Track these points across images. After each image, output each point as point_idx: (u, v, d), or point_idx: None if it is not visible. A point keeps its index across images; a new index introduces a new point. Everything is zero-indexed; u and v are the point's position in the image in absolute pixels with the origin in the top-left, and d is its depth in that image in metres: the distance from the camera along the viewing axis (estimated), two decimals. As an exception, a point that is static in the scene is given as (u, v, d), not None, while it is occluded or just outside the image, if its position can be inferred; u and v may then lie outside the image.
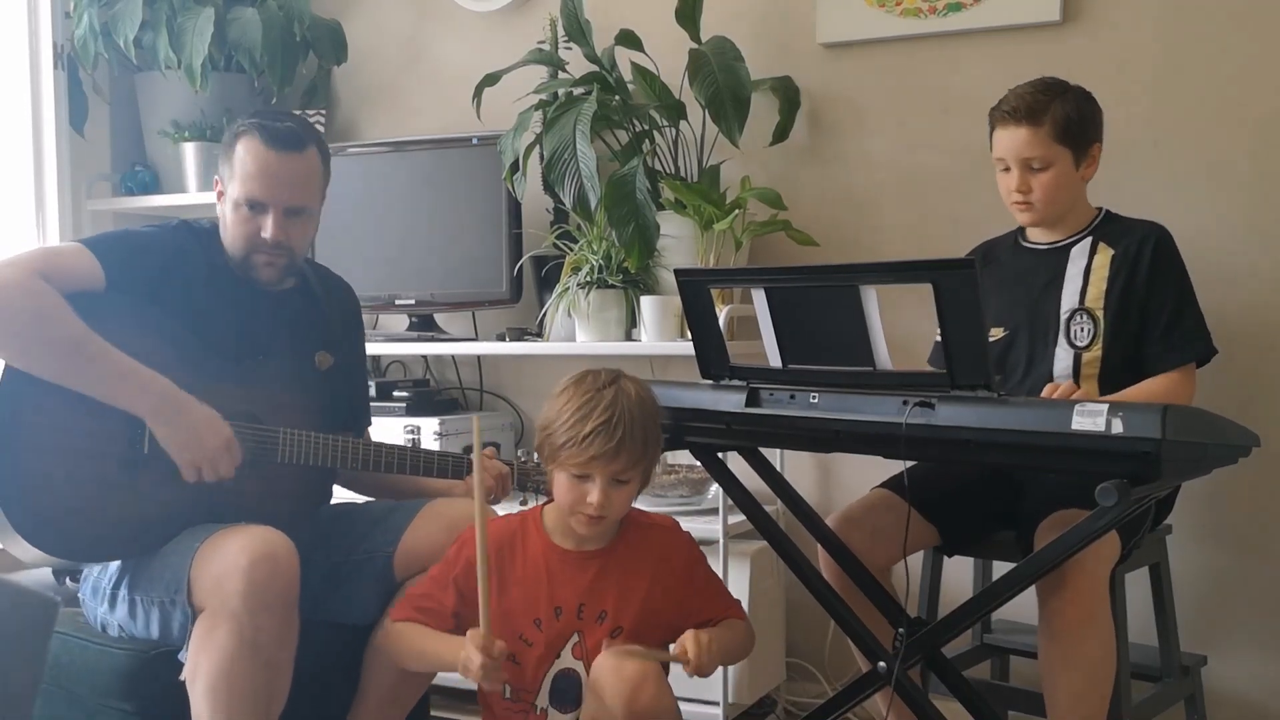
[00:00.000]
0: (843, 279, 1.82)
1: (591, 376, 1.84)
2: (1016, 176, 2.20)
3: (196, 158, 3.34)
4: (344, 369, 2.24)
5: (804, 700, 2.91)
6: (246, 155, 2.04)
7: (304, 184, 2.08)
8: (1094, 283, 2.20)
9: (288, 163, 2.04)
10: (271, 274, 2.10)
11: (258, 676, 1.82)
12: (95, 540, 1.94)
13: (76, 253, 1.97)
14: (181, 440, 1.94)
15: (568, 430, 1.78)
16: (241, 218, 2.06)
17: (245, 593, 1.79)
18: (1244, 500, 2.58)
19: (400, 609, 1.93)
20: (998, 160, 2.23)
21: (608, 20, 2.93)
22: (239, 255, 2.09)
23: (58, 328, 1.88)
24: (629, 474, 1.82)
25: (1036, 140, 2.16)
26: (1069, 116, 2.16)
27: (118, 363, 1.90)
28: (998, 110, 2.22)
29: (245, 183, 2.04)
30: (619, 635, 1.85)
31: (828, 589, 2.08)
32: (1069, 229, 2.27)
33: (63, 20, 3.25)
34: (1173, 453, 1.58)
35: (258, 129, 2.04)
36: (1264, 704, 2.59)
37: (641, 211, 2.68)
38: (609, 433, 1.76)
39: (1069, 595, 1.96)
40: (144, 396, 1.92)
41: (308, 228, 2.14)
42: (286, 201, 2.06)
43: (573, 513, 1.83)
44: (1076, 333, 2.20)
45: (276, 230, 2.05)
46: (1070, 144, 2.17)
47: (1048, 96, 2.17)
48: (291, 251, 2.10)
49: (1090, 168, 2.23)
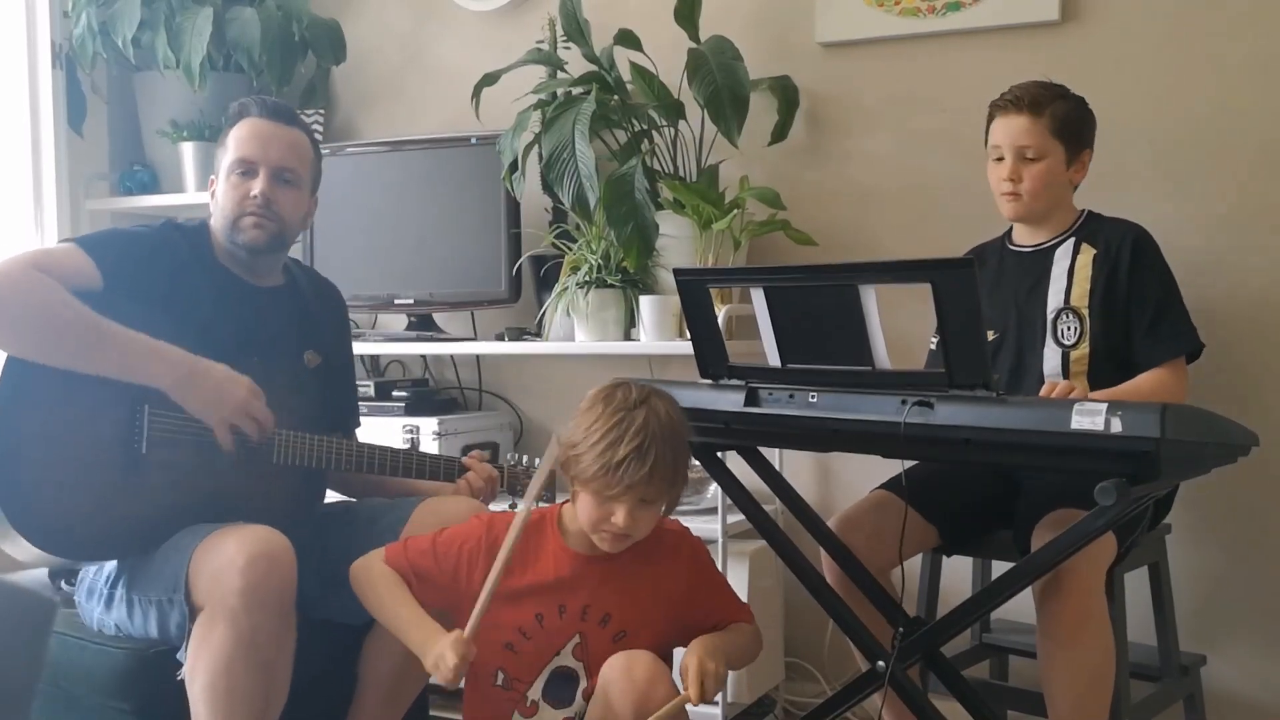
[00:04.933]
0: (842, 278, 1.82)
1: (621, 393, 1.79)
2: (1009, 165, 2.23)
3: (195, 157, 3.34)
4: (332, 369, 2.24)
5: (803, 700, 2.91)
6: (242, 127, 2.12)
7: (294, 151, 2.14)
8: (1078, 282, 2.23)
9: (279, 130, 2.13)
10: (258, 236, 2.09)
11: (255, 676, 1.81)
12: (93, 539, 1.94)
13: (70, 252, 1.97)
14: (209, 401, 1.95)
15: (598, 456, 1.74)
16: (233, 184, 2.10)
17: (243, 591, 1.78)
18: (1243, 500, 2.58)
19: (395, 554, 1.90)
20: (993, 149, 2.27)
21: (606, 20, 2.93)
22: (228, 221, 2.09)
23: (65, 313, 1.89)
24: (658, 497, 1.80)
25: (1035, 129, 2.20)
26: (1068, 114, 2.22)
27: (130, 339, 1.92)
28: (999, 101, 2.27)
29: (238, 147, 2.11)
30: (623, 639, 1.84)
31: (826, 589, 2.08)
32: (1053, 230, 2.30)
33: (61, 20, 3.26)
34: (1172, 452, 1.58)
35: (253, 104, 2.15)
36: (1263, 704, 2.59)
37: (640, 211, 2.68)
38: (640, 459, 1.72)
39: (1066, 596, 1.97)
40: (163, 368, 1.93)
41: (298, 201, 2.15)
42: (276, 162, 2.10)
43: (596, 531, 1.81)
44: (1063, 332, 2.22)
45: (266, 186, 2.08)
46: (1065, 141, 2.22)
47: (1050, 93, 2.23)
48: (281, 219, 2.11)
49: (1079, 173, 2.27)
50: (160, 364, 1.93)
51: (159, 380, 1.93)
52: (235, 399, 1.97)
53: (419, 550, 1.90)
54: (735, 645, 1.88)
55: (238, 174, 2.10)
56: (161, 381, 1.93)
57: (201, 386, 1.95)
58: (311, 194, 2.20)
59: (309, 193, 2.19)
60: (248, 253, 2.11)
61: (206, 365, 1.97)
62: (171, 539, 1.93)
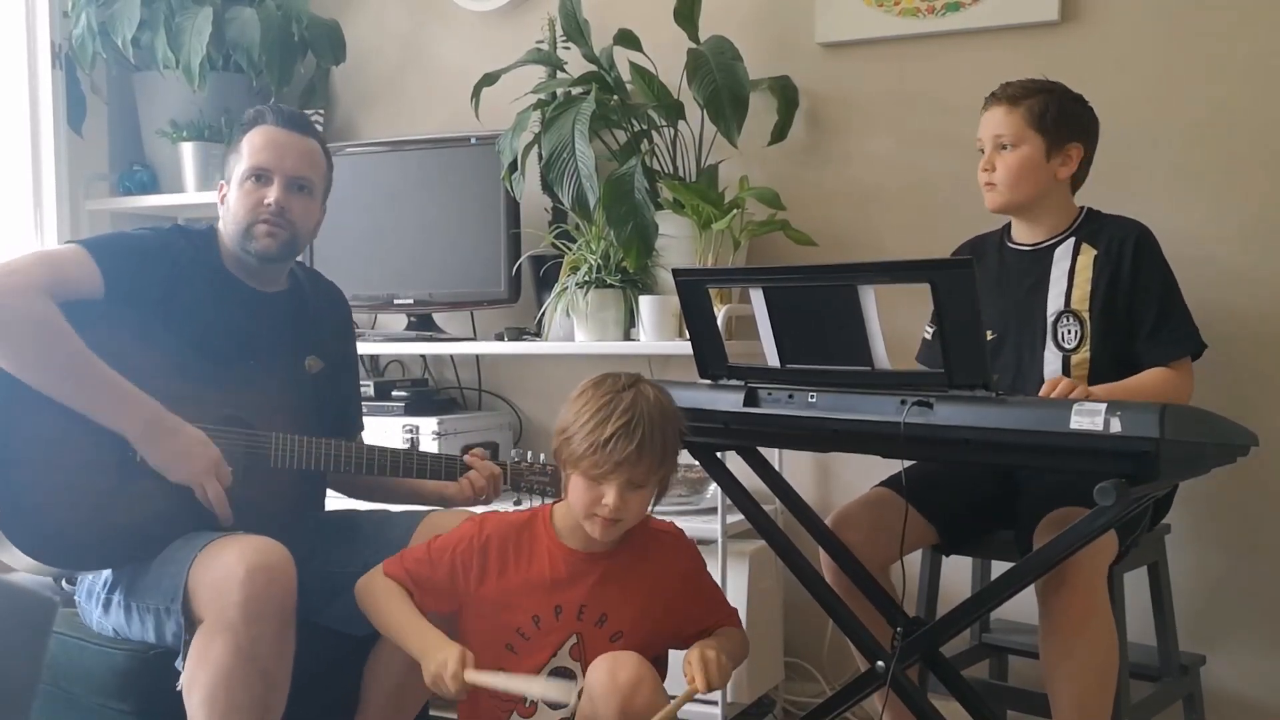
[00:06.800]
0: (841, 279, 1.82)
1: (610, 379, 1.82)
2: (986, 156, 2.26)
3: (195, 157, 3.33)
4: (335, 373, 2.24)
5: (802, 700, 2.91)
6: (256, 135, 2.11)
7: (309, 160, 2.13)
8: (1078, 284, 2.22)
9: (295, 139, 2.12)
10: (270, 244, 2.09)
11: (254, 687, 1.80)
12: (87, 548, 1.93)
13: (78, 259, 1.95)
14: (167, 462, 1.93)
15: (587, 435, 1.76)
16: (246, 190, 2.09)
17: (242, 602, 1.78)
18: (1242, 500, 2.58)
19: (394, 567, 1.91)
20: (977, 142, 2.29)
21: (606, 20, 2.93)
22: (241, 229, 2.08)
23: (56, 349, 1.88)
24: (647, 479, 1.81)
25: (1009, 120, 2.22)
26: (1046, 107, 2.22)
27: (110, 385, 1.90)
28: (989, 96, 2.29)
29: (253, 155, 2.09)
30: (619, 640, 1.84)
31: (826, 589, 2.08)
32: (1051, 229, 2.28)
33: (60, 20, 3.26)
34: (1171, 452, 1.58)
35: (269, 111, 2.13)
36: (1263, 703, 2.59)
37: (640, 211, 2.68)
38: (628, 435, 1.74)
39: (1068, 594, 1.97)
40: (132, 420, 1.91)
41: (310, 209, 2.14)
42: (291, 171, 2.09)
43: (588, 516, 1.81)
44: (1064, 335, 2.21)
45: (281, 195, 2.07)
46: (1042, 132, 2.21)
47: (1032, 87, 2.25)
48: (294, 227, 2.10)
49: (1066, 167, 2.24)
50: (130, 416, 1.91)
51: (125, 430, 1.91)
52: (195, 469, 1.94)
53: (415, 559, 1.91)
54: (728, 648, 1.88)
55: (252, 181, 2.08)
56: (127, 433, 1.91)
57: (163, 447, 1.93)
58: (323, 202, 2.20)
59: (321, 202, 2.19)
60: (259, 260, 2.10)
61: (176, 425, 1.94)
62: (168, 548, 1.92)
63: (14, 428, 1.88)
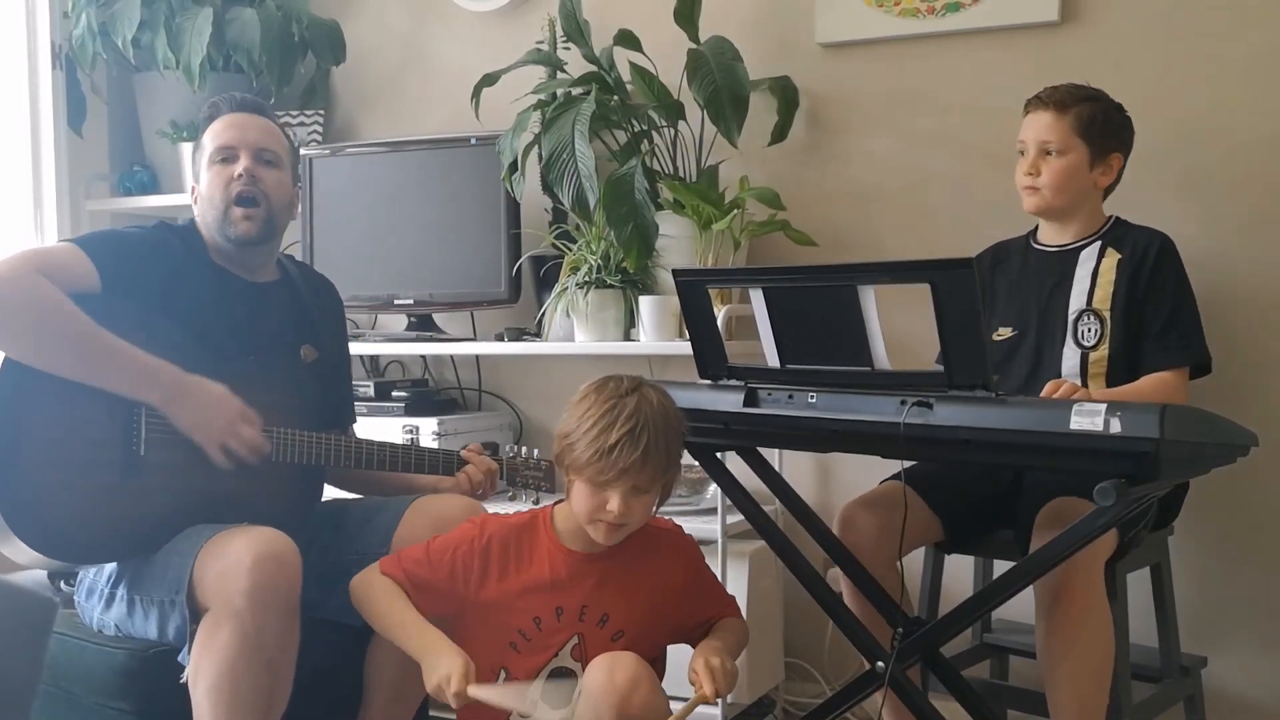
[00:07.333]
0: (841, 279, 1.82)
1: (613, 383, 1.81)
2: (1030, 159, 2.27)
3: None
4: (328, 364, 2.24)
5: (802, 700, 2.91)
6: (217, 124, 2.15)
7: (271, 135, 2.16)
8: (1101, 285, 2.24)
9: (254, 119, 2.16)
10: (250, 228, 2.10)
11: (260, 677, 1.81)
12: (91, 542, 1.93)
13: (70, 253, 1.96)
14: (199, 421, 1.95)
15: (591, 442, 1.75)
16: (216, 172, 2.11)
17: (249, 591, 1.78)
18: (1244, 500, 2.57)
19: (390, 564, 1.91)
20: (1019, 144, 2.30)
21: (606, 20, 2.93)
22: (218, 213, 2.09)
23: (65, 324, 1.89)
24: (652, 484, 1.80)
25: (1057, 126, 2.24)
26: (1094, 116, 2.24)
27: (126, 356, 1.92)
28: (1031, 99, 2.30)
29: (215, 139, 2.13)
30: (620, 639, 1.85)
31: (826, 589, 2.08)
32: (1079, 232, 2.31)
33: (60, 20, 3.26)
34: (1171, 452, 1.58)
35: (224, 102, 2.18)
36: (1264, 704, 2.59)
37: (640, 211, 2.68)
38: (633, 443, 1.74)
39: (1066, 590, 1.97)
40: (154, 387, 1.93)
41: (282, 182, 2.15)
42: (255, 144, 2.12)
43: (591, 521, 1.81)
44: (1084, 333, 2.23)
45: (249, 164, 2.10)
46: (1089, 141, 2.24)
47: (1080, 94, 2.26)
48: (268, 200, 2.11)
49: (1106, 176, 2.28)
50: (153, 383, 1.93)
51: (150, 398, 1.93)
52: (225, 421, 1.96)
53: (414, 560, 1.90)
54: (732, 646, 1.89)
55: (219, 162, 2.11)
56: (153, 399, 1.94)
57: (190, 406, 1.95)
58: (294, 183, 2.21)
59: (291, 179, 2.20)
60: (239, 247, 2.11)
61: (197, 384, 1.96)
62: (173, 540, 1.93)
63: (19, 423, 1.89)
